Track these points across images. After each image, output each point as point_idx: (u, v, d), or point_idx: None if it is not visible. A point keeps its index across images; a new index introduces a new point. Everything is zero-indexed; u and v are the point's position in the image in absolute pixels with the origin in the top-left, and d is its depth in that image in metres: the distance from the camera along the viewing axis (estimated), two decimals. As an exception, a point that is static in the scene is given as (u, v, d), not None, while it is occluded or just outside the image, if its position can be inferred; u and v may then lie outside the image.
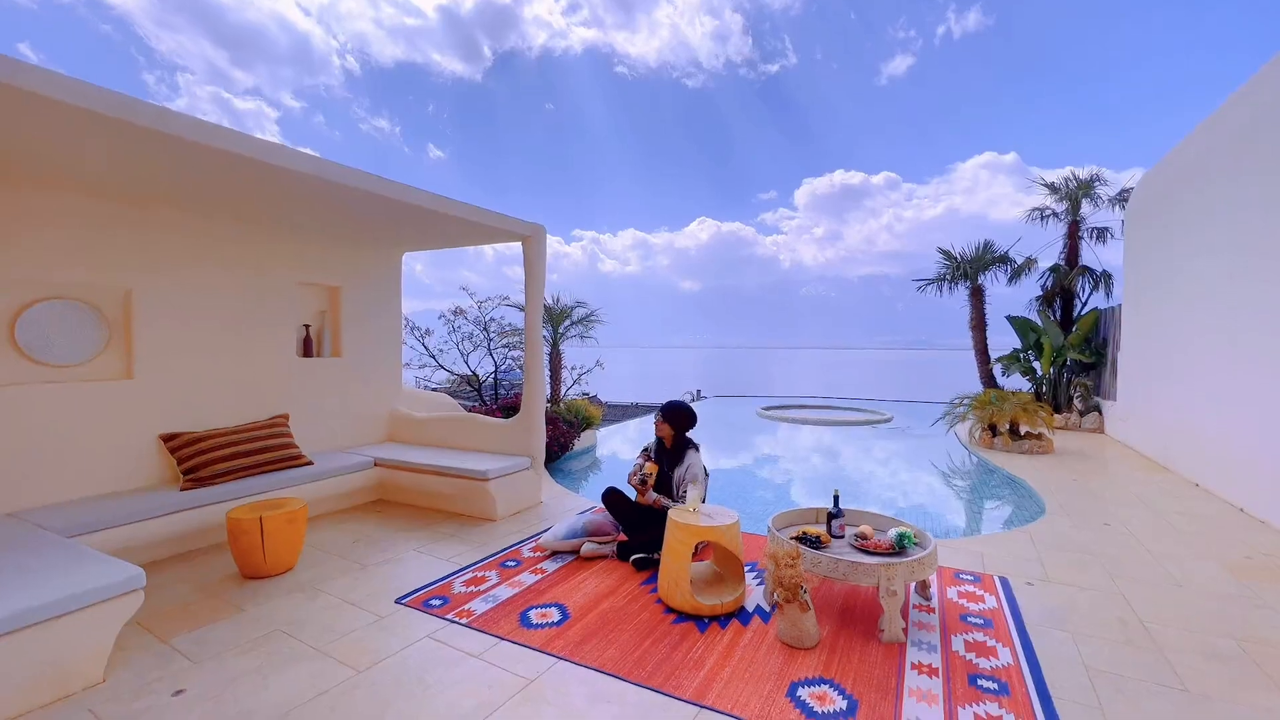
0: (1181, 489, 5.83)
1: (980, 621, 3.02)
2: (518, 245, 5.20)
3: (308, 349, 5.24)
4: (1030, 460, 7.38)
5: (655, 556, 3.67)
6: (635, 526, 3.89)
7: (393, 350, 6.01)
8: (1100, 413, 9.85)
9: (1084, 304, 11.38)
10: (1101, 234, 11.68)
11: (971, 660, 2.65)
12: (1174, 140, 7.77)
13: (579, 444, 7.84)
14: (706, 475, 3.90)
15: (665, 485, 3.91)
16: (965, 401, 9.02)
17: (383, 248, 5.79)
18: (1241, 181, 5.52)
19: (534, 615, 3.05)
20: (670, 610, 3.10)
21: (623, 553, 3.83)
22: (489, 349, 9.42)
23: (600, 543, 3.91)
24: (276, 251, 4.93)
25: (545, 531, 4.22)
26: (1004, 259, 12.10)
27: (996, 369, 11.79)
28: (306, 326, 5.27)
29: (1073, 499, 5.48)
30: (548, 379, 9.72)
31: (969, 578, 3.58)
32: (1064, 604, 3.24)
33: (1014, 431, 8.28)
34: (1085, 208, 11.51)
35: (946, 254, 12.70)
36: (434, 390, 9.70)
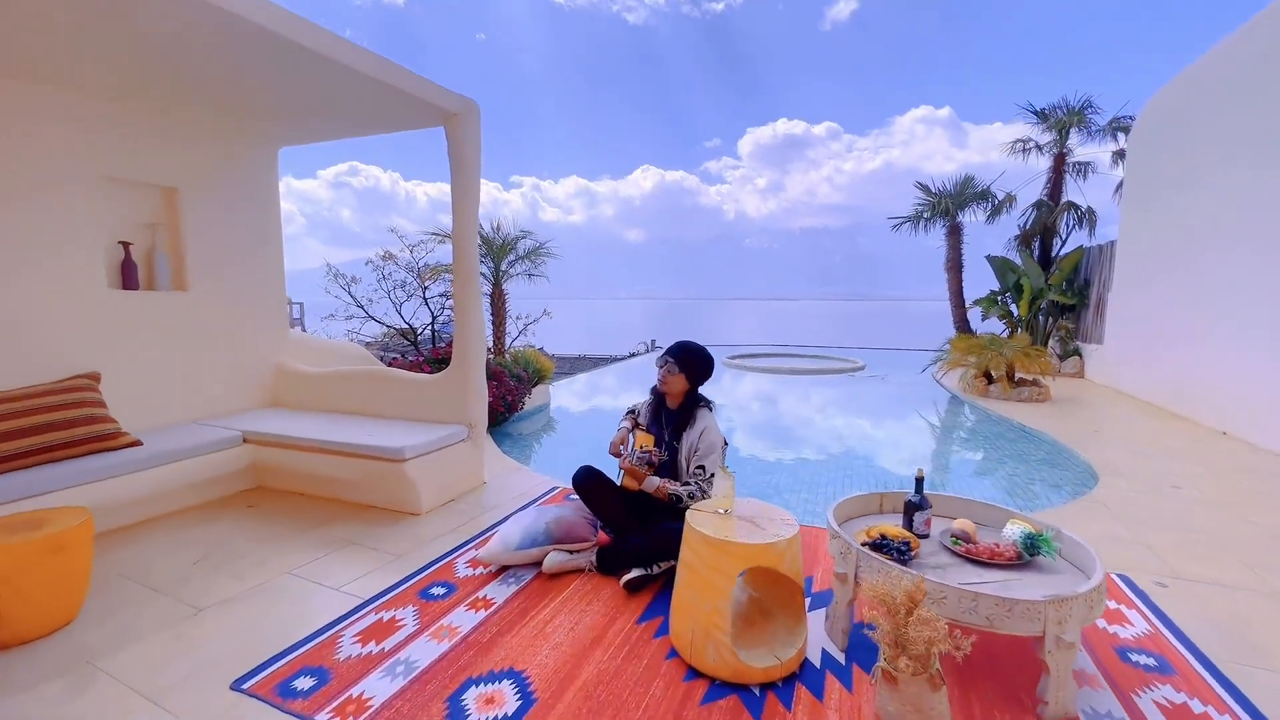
0: (1212, 439, 5.21)
1: (1152, 662, 2.04)
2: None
3: (129, 278, 3.59)
4: (1034, 409, 6.70)
5: (658, 570, 2.51)
6: (626, 525, 2.70)
7: (272, 283, 4.40)
8: (1080, 356, 9.44)
9: (1064, 242, 10.83)
10: (1082, 169, 11.06)
11: (1197, 750, 1.65)
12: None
13: (530, 402, 6.52)
14: (725, 447, 2.73)
15: (668, 462, 2.71)
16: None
17: (244, 135, 4.08)
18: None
19: (472, 701, 1.82)
20: (695, 674, 1.95)
21: (605, 563, 2.64)
22: (424, 298, 7.93)
23: (571, 551, 2.70)
24: (60, 126, 3.20)
25: (490, 532, 2.97)
26: (985, 194, 11.32)
27: (974, 313, 11.21)
28: (126, 245, 3.60)
29: (1114, 456, 4.71)
30: (490, 324, 8.25)
31: (1082, 579, 2.62)
32: (1233, 619, 2.32)
33: (1010, 377, 7.63)
34: (1073, 138, 10.77)
35: (925, 189, 11.81)
36: (366, 344, 8.13)
